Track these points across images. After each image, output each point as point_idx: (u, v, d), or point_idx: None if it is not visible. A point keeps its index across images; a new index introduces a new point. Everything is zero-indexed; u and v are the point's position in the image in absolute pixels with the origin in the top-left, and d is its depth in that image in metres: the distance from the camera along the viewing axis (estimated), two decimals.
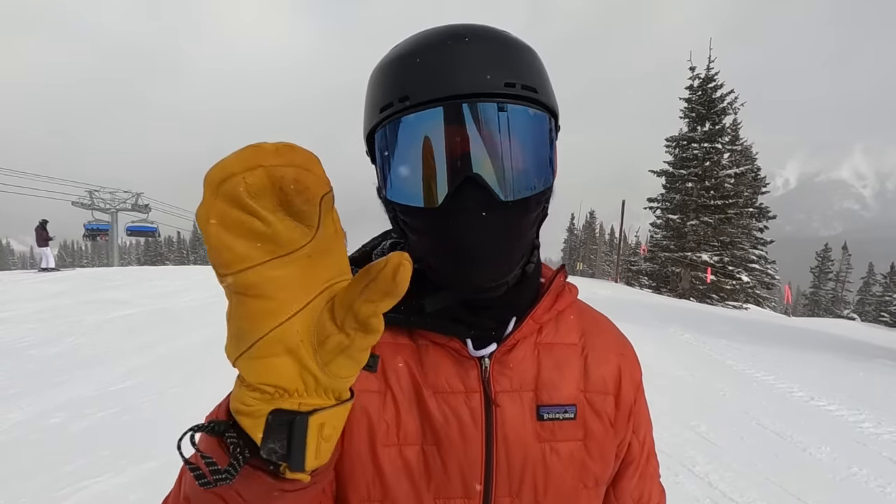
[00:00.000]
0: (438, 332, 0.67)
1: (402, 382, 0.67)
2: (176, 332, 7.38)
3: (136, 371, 5.44)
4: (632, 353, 0.80)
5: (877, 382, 6.73)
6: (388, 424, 0.66)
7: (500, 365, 0.68)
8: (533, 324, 0.70)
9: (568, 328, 0.75)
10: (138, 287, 11.93)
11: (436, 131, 0.58)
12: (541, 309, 0.71)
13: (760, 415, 4.93)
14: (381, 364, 0.68)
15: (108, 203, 33.85)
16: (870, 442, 4.42)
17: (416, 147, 0.59)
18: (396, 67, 0.61)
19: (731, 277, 22.92)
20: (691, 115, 23.98)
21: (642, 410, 0.79)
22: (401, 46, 0.63)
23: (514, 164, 0.60)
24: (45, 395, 4.65)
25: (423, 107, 0.58)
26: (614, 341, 0.78)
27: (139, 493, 3.03)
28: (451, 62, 0.58)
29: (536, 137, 0.62)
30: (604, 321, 0.81)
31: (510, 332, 0.68)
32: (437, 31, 0.62)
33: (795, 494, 3.33)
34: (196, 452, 0.46)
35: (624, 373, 0.76)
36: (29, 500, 2.93)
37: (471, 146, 0.57)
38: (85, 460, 3.41)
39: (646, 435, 0.80)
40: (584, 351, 0.74)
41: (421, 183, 0.59)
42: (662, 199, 25.11)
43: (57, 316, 8.18)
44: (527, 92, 0.59)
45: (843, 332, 13.19)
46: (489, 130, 0.58)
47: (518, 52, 0.62)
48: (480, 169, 0.57)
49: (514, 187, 0.60)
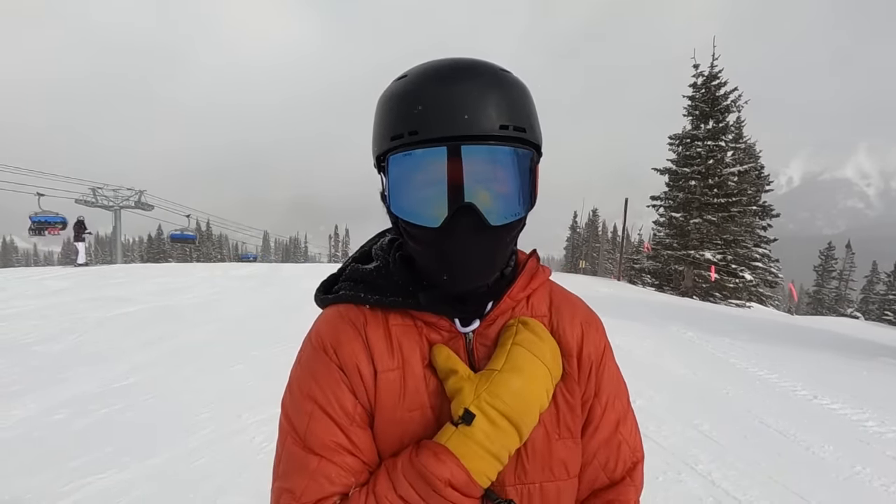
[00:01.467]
0: (433, 314, 0.80)
1: (413, 357, 0.80)
2: (179, 329, 7.40)
3: (139, 368, 5.46)
4: (596, 323, 0.92)
5: (880, 381, 6.71)
6: (407, 393, 0.78)
7: (482, 337, 0.82)
8: (510, 301, 0.83)
9: (539, 303, 0.89)
10: (141, 284, 11.97)
11: (439, 165, 0.69)
12: (515, 289, 0.84)
13: (763, 413, 4.92)
14: (395, 343, 0.80)
15: (111, 200, 33.93)
16: (873, 441, 4.40)
17: (421, 175, 0.71)
18: (407, 101, 0.71)
19: (734, 276, 22.86)
20: (695, 112, 23.88)
21: (606, 377, 0.88)
22: (411, 80, 0.73)
23: (503, 196, 0.72)
24: (49, 391, 4.67)
25: (429, 144, 0.69)
26: (580, 313, 0.91)
27: (142, 489, 3.05)
28: (454, 104, 0.68)
29: (522, 172, 0.73)
30: (573, 298, 0.94)
31: (489, 310, 0.82)
32: (442, 70, 0.72)
33: (798, 493, 3.33)
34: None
35: (586, 337, 0.87)
36: (33, 496, 2.95)
37: (468, 179, 0.69)
38: (88, 457, 3.43)
39: (610, 401, 0.88)
40: (551, 319, 0.88)
41: (424, 206, 0.72)
42: (665, 197, 25.04)
43: (60, 313, 8.21)
44: (517, 133, 0.71)
45: (846, 331, 13.14)
46: (484, 167, 0.70)
47: (512, 93, 0.73)
48: (475, 199, 0.69)
49: (501, 214, 0.72)
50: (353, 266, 0.90)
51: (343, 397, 0.77)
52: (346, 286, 0.87)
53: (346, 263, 0.93)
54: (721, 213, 22.71)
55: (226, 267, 17.80)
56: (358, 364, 0.78)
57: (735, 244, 23.46)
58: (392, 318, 0.82)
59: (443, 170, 0.69)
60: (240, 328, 7.73)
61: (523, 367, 0.75)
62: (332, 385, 0.78)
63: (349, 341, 0.80)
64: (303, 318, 9.11)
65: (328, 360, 0.79)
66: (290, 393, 0.82)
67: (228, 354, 6.12)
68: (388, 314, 0.82)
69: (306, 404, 0.78)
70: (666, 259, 24.52)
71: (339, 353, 0.79)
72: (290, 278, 14.78)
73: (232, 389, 4.87)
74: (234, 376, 5.28)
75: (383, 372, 0.78)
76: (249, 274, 15.30)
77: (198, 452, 3.53)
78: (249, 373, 5.40)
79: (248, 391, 4.82)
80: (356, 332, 0.81)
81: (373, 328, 0.81)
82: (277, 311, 9.23)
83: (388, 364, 0.79)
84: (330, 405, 0.76)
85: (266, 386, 4.96)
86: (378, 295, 0.82)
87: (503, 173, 0.71)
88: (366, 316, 0.83)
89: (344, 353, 0.79)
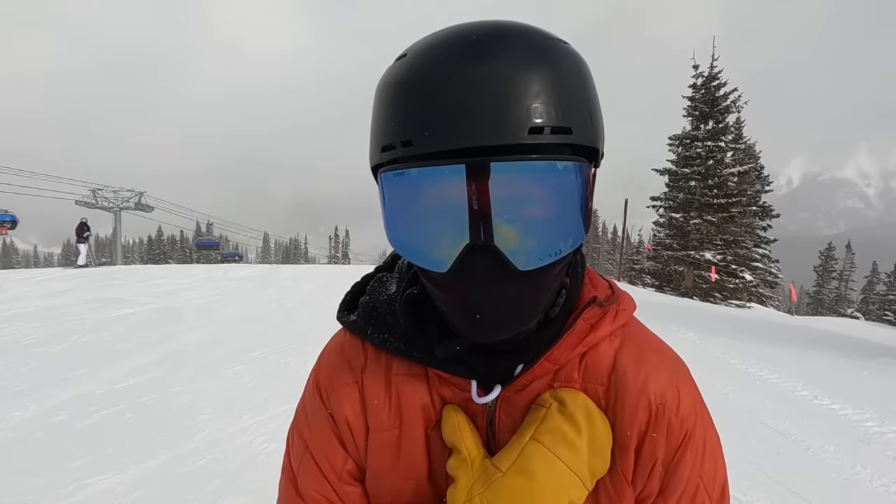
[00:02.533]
0: (443, 371, 0.64)
1: (415, 417, 0.66)
2: (179, 331, 7.40)
3: (139, 369, 5.46)
4: (679, 404, 0.64)
5: (880, 381, 6.70)
6: (403, 460, 0.66)
7: (508, 405, 0.63)
8: (549, 365, 0.62)
9: (595, 365, 0.64)
10: (141, 286, 11.96)
11: (441, 189, 0.50)
12: (560, 349, 0.62)
13: (764, 414, 4.92)
14: (395, 398, 0.66)
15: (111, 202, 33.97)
16: (873, 441, 4.40)
17: (419, 204, 0.52)
18: (399, 97, 0.52)
19: (734, 276, 22.87)
20: (694, 113, 23.93)
21: (683, 473, 0.63)
22: (407, 63, 0.53)
23: (535, 231, 0.51)
24: (49, 392, 4.67)
25: (426, 161, 0.50)
26: (654, 386, 0.64)
27: (143, 490, 3.04)
28: (464, 100, 0.48)
29: (566, 195, 0.51)
30: (654, 355, 0.67)
31: (517, 375, 0.62)
32: (447, 44, 0.51)
33: (799, 493, 3.33)
34: None
35: (655, 427, 0.62)
36: (34, 497, 2.95)
37: (483, 210, 0.49)
38: (89, 458, 3.43)
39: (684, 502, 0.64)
40: (607, 393, 0.64)
41: (426, 243, 0.53)
42: (665, 198, 25.07)
43: (61, 314, 8.20)
44: (558, 137, 0.49)
45: (846, 331, 13.13)
46: (506, 192, 0.49)
47: (553, 72, 0.50)
48: (494, 237, 0.50)
49: (533, 255, 0.52)
50: (380, 279, 0.74)
51: (333, 451, 0.68)
52: (362, 310, 0.72)
53: (377, 269, 0.78)
54: (721, 214, 22.73)
55: (226, 268, 17.81)
56: (348, 417, 0.67)
57: (735, 245, 23.48)
58: (397, 364, 0.67)
59: (448, 195, 0.49)
60: (240, 329, 7.73)
61: (536, 474, 0.56)
62: (322, 434, 0.69)
63: (343, 387, 0.68)
64: (302, 319, 9.12)
65: (320, 405, 0.69)
66: (292, 424, 0.74)
67: (229, 356, 6.12)
68: (393, 359, 0.68)
69: (299, 445, 0.71)
70: (666, 260, 24.54)
71: (330, 398, 0.69)
72: (289, 280, 14.77)
73: (232, 391, 4.87)
74: (235, 378, 5.28)
75: (377, 431, 0.66)
76: (249, 275, 15.30)
77: (198, 454, 3.53)
78: (250, 374, 5.40)
79: (249, 392, 4.82)
80: (353, 377, 0.68)
81: (371, 376, 0.68)
82: (277, 313, 9.24)
83: (383, 422, 0.66)
84: (319, 456, 0.68)
85: (266, 387, 4.96)
86: (386, 333, 0.67)
87: (537, 198, 0.50)
88: (367, 357, 0.69)
89: (335, 400, 0.68)
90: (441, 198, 0.50)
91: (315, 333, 7.34)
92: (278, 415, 4.23)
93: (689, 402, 0.65)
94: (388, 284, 0.72)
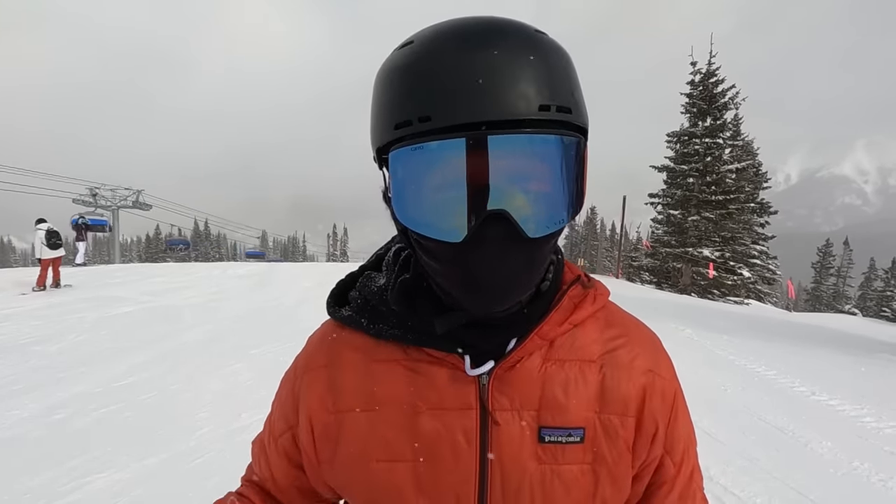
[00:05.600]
0: (436, 349, 0.66)
1: (393, 399, 0.66)
2: (177, 329, 7.39)
3: (137, 368, 5.45)
4: (665, 369, 0.73)
5: (878, 377, 6.72)
6: (378, 441, 0.66)
7: (501, 382, 0.65)
8: (539, 340, 0.66)
9: (586, 342, 0.69)
10: (140, 284, 11.95)
11: (459, 162, 0.52)
12: (549, 324, 0.67)
13: (762, 410, 4.93)
14: (369, 382, 0.68)
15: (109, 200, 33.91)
16: (871, 436, 4.42)
17: (437, 175, 0.55)
18: (415, 76, 0.55)
19: (732, 273, 22.90)
20: (692, 110, 23.90)
21: (678, 430, 0.72)
22: (419, 46, 0.56)
23: (544, 198, 0.56)
24: (48, 391, 4.66)
25: (446, 134, 0.52)
26: (642, 356, 0.71)
27: (142, 489, 3.05)
28: (479, 78, 0.52)
29: (569, 167, 0.57)
30: (634, 332, 0.74)
31: (510, 349, 0.65)
32: (460, 32, 0.55)
33: (797, 489, 3.34)
34: None
35: (651, 393, 0.69)
36: (33, 496, 2.95)
37: (498, 179, 0.53)
38: (88, 456, 3.43)
39: (684, 454, 0.73)
40: (602, 368, 0.68)
41: (440, 215, 0.56)
42: (663, 195, 25.07)
43: (59, 313, 8.19)
44: (561, 115, 0.54)
45: (844, 328, 13.18)
46: (518, 163, 0.53)
47: (550, 60, 0.56)
48: (507, 205, 0.54)
49: (542, 223, 0.56)
50: (368, 276, 0.77)
51: (280, 418, 0.77)
52: (354, 304, 0.75)
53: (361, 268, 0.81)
54: (719, 211, 22.75)
55: (224, 266, 17.79)
56: (309, 403, 0.71)
57: (733, 241, 23.52)
58: (380, 352, 0.69)
59: (465, 167, 0.53)
60: (238, 327, 7.73)
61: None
62: (281, 400, 0.78)
63: (314, 369, 0.73)
64: (301, 317, 9.11)
65: (293, 378, 0.76)
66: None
67: (227, 353, 6.12)
68: (377, 346, 0.70)
69: (273, 401, 0.81)
70: (664, 256, 24.57)
71: (302, 378, 0.74)
72: (288, 277, 14.76)
73: (231, 389, 4.87)
74: (233, 375, 5.28)
75: (347, 412, 0.68)
76: (247, 273, 15.28)
77: (197, 451, 3.53)
78: (248, 372, 5.40)
79: (247, 390, 4.81)
80: (325, 361, 0.72)
81: (346, 361, 0.71)
82: (276, 310, 9.24)
83: (352, 404, 0.68)
84: (273, 414, 0.79)
85: (265, 385, 4.95)
86: (381, 323, 0.70)
87: (545, 169, 0.55)
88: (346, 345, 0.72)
89: (305, 381, 0.73)
90: (456, 170, 0.53)
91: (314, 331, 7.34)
92: None
93: (670, 366, 0.75)
94: (376, 280, 0.75)
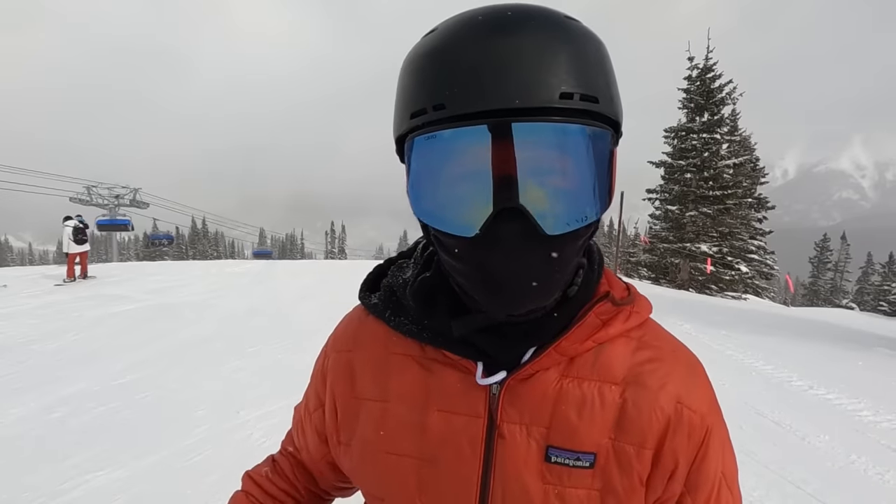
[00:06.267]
0: (450, 351, 0.64)
1: (405, 394, 0.66)
2: (175, 327, 7.39)
3: (136, 366, 5.45)
4: (699, 401, 0.65)
5: (875, 371, 6.76)
6: (386, 433, 0.67)
7: (512, 394, 0.62)
8: (557, 356, 0.62)
9: (612, 362, 0.64)
10: (138, 282, 11.93)
11: (476, 150, 0.50)
12: (569, 340, 0.62)
13: (759, 404, 4.95)
14: (385, 373, 0.69)
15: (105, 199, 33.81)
16: (868, 430, 4.44)
17: (450, 167, 0.52)
18: (431, 63, 0.53)
19: (730, 268, 22.93)
20: (690, 105, 23.84)
21: (707, 469, 0.64)
22: (437, 35, 0.54)
23: (565, 193, 0.52)
24: (46, 390, 4.66)
25: (460, 122, 0.50)
26: (673, 384, 0.64)
27: (140, 487, 3.05)
28: (496, 64, 0.49)
29: (593, 160, 0.52)
30: (669, 356, 0.67)
31: (526, 360, 0.62)
32: (479, 18, 0.52)
33: (794, 483, 3.35)
34: None
35: (675, 427, 0.62)
36: (32, 494, 2.95)
37: (514, 172, 0.50)
38: (86, 454, 3.43)
39: (713, 495, 0.65)
40: (624, 392, 0.62)
41: (455, 207, 0.53)
42: (661, 191, 25.04)
43: (57, 311, 8.18)
44: (586, 104, 0.51)
45: (841, 322, 13.22)
46: (537, 154, 0.50)
47: (578, 47, 0.52)
48: (524, 199, 0.50)
49: (561, 219, 0.52)
50: (399, 265, 0.76)
51: (313, 395, 0.80)
52: (382, 293, 0.74)
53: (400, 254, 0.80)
54: (717, 206, 22.75)
55: (221, 264, 17.76)
56: (334, 383, 0.74)
57: (731, 237, 23.54)
58: (398, 345, 0.69)
59: (480, 157, 0.50)
60: (236, 325, 7.72)
61: None
62: (314, 376, 0.80)
63: (339, 352, 0.75)
64: (299, 314, 9.09)
65: (323, 357, 0.79)
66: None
67: (225, 351, 6.11)
68: (397, 338, 0.69)
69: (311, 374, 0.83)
70: (662, 252, 24.58)
71: (328, 360, 0.77)
72: (286, 275, 14.75)
73: (229, 386, 4.87)
74: (231, 373, 5.27)
75: (364, 399, 0.70)
76: (245, 271, 15.26)
77: (195, 449, 3.53)
78: (246, 370, 5.40)
79: (246, 388, 4.82)
80: (349, 346, 0.74)
81: (367, 349, 0.72)
82: (274, 308, 9.23)
83: (369, 393, 0.70)
84: (309, 388, 0.82)
85: (264, 383, 4.96)
86: (402, 316, 0.69)
87: (568, 161, 0.51)
88: (369, 333, 0.73)
89: (331, 362, 0.76)
90: (471, 160, 0.51)
91: (312, 329, 7.33)
92: (275, 410, 4.23)
93: (707, 399, 0.66)
94: (405, 270, 0.74)
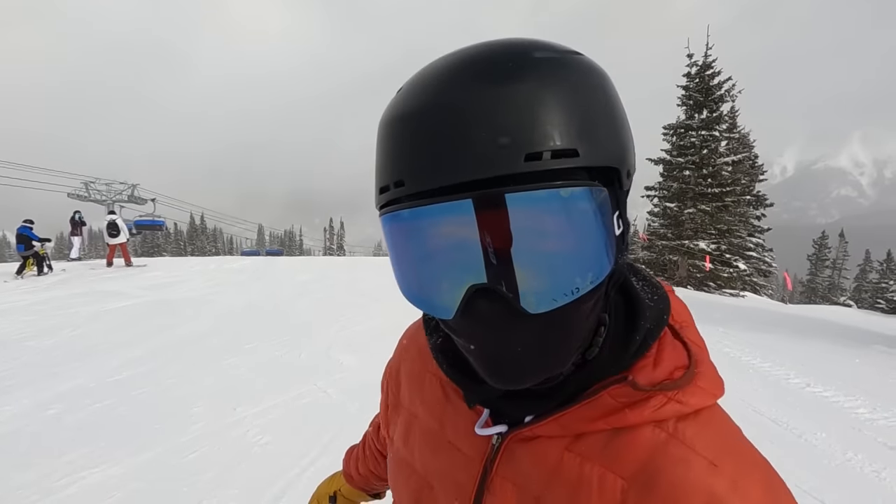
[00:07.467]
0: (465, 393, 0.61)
1: (428, 415, 0.69)
2: (172, 323, 7.36)
3: (132, 362, 5.43)
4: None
5: (872, 369, 6.76)
6: (409, 445, 0.71)
7: (511, 451, 0.57)
8: (558, 428, 0.54)
9: (624, 450, 0.51)
10: (135, 278, 11.90)
11: (437, 229, 0.45)
12: (571, 417, 0.53)
13: (756, 401, 4.95)
14: (419, 388, 0.72)
15: (103, 195, 33.71)
16: (865, 428, 4.44)
17: (415, 246, 0.48)
18: (390, 135, 0.47)
19: (728, 265, 22.96)
20: (688, 102, 23.83)
21: None
22: (399, 98, 0.48)
23: (543, 269, 0.44)
24: (42, 386, 4.64)
25: (418, 200, 0.45)
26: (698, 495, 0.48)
27: (136, 483, 3.03)
28: (451, 133, 0.43)
29: (578, 225, 0.44)
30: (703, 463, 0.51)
31: (527, 422, 0.56)
32: (435, 74, 0.47)
33: (791, 480, 3.33)
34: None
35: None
36: (27, 491, 2.93)
37: (481, 249, 0.44)
38: (82, 451, 3.41)
39: None
40: (628, 492, 0.49)
41: (427, 289, 0.49)
42: (660, 188, 25.06)
43: (53, 307, 8.15)
44: (560, 162, 0.42)
45: (839, 319, 13.23)
46: (503, 228, 0.43)
47: (552, 92, 0.44)
48: (492, 278, 0.45)
49: (546, 296, 0.45)
50: None
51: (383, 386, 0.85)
52: None
53: None
54: (715, 203, 22.76)
55: (220, 261, 17.73)
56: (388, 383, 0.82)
57: (729, 234, 23.55)
58: (432, 362, 0.69)
59: (444, 235, 0.45)
60: (233, 322, 7.70)
61: None
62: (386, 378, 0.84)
63: (395, 357, 0.82)
64: (297, 311, 9.07)
65: (397, 349, 0.84)
66: None
67: (222, 348, 6.09)
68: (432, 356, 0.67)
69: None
70: (660, 249, 24.61)
71: (391, 360, 0.84)
72: (284, 272, 14.73)
73: (226, 383, 4.85)
74: (228, 370, 5.26)
75: (404, 408, 0.75)
76: (242, 267, 15.24)
77: (191, 446, 3.52)
78: (243, 366, 5.38)
79: (242, 385, 4.80)
80: (401, 357, 0.80)
81: (413, 363, 0.76)
82: (272, 305, 9.21)
83: (407, 402, 0.74)
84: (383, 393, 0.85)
85: (260, 379, 4.95)
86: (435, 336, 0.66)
87: (541, 232, 0.43)
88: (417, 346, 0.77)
89: (390, 364, 0.83)
90: (434, 238, 0.46)
91: (309, 326, 7.32)
92: (272, 407, 4.22)
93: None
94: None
